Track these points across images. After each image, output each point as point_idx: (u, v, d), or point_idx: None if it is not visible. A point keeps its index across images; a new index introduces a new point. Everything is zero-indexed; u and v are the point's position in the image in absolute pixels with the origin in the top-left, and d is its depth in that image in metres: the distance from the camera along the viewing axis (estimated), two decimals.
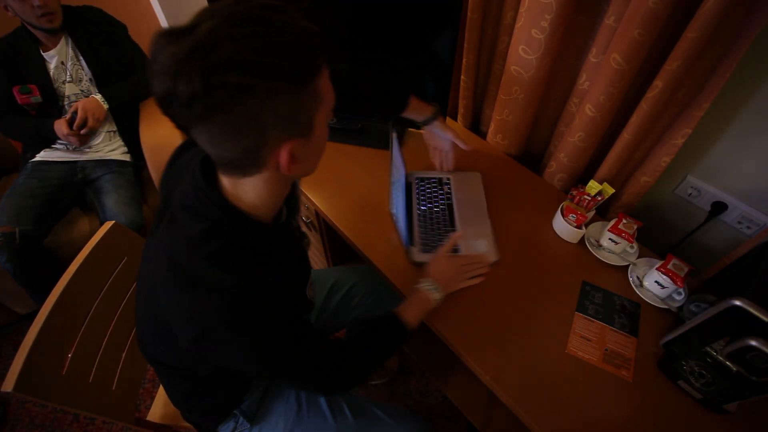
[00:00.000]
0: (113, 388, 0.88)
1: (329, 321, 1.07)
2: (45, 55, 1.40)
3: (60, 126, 1.39)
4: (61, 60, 1.42)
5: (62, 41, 1.41)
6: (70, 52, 1.43)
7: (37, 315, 0.74)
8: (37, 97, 1.40)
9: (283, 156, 0.48)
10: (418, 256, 0.97)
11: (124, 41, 1.55)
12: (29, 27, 1.35)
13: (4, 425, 1.41)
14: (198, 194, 0.53)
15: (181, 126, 0.45)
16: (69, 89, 1.45)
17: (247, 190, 0.54)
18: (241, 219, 0.55)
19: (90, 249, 0.85)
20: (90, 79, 1.48)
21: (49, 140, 1.49)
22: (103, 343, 0.88)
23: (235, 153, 0.47)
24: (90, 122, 1.40)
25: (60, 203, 1.47)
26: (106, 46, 1.48)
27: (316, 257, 1.60)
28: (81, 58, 1.44)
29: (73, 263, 0.82)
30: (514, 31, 0.99)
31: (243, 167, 0.50)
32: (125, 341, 0.94)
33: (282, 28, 0.43)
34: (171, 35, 0.40)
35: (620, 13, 0.84)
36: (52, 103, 1.44)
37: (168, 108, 0.43)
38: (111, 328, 0.90)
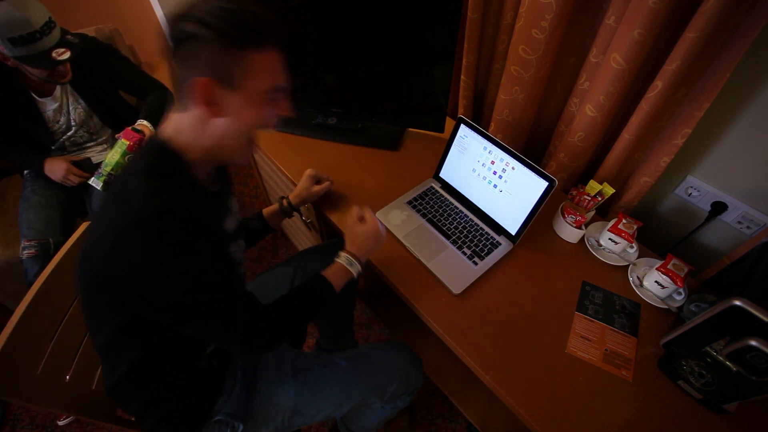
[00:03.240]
0: (93, 387, 0.88)
1: None
2: (41, 101, 1.29)
3: (58, 166, 1.30)
4: (59, 104, 1.33)
5: (59, 87, 1.30)
6: (70, 97, 1.34)
7: (12, 314, 0.74)
8: None
9: (201, 88, 0.58)
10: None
11: (117, 67, 1.44)
12: (26, 72, 1.20)
13: (4, 425, 1.41)
14: (147, 145, 0.66)
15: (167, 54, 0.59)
16: (72, 130, 1.39)
17: (185, 126, 0.63)
18: (176, 160, 0.64)
19: (66, 249, 0.85)
20: (90, 116, 1.41)
21: (36, 171, 1.38)
22: (82, 344, 0.87)
23: (178, 80, 0.60)
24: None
25: (73, 213, 1.46)
26: (103, 80, 1.40)
27: None
28: (81, 100, 1.37)
29: (50, 263, 0.82)
30: (514, 31, 0.99)
31: (182, 97, 0.61)
32: None
33: (241, 7, 0.57)
34: None
35: (620, 13, 0.84)
36: (48, 144, 1.37)
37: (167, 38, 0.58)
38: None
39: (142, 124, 1.37)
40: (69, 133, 1.40)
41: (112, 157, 1.25)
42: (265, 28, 0.59)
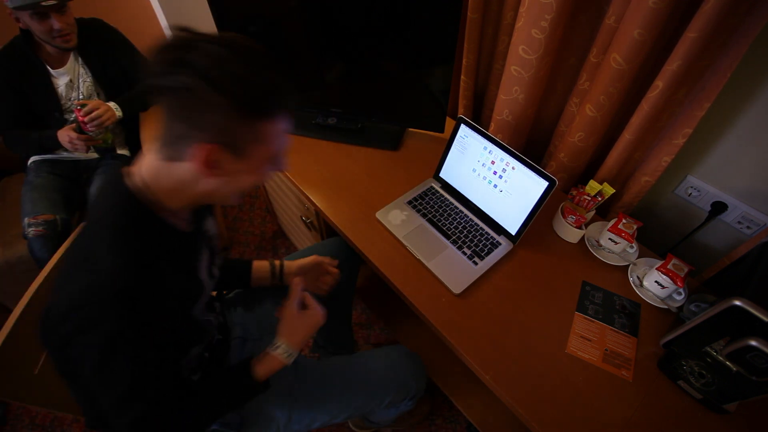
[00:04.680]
0: None
1: None
2: (54, 72, 1.37)
3: (64, 133, 1.34)
4: (70, 78, 1.39)
5: (71, 58, 1.39)
6: (80, 69, 1.41)
7: (10, 315, 0.73)
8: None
9: (206, 154, 0.53)
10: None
11: (127, 53, 1.52)
12: (39, 41, 1.31)
13: (5, 425, 1.41)
14: (113, 188, 0.60)
15: (148, 87, 0.52)
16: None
17: (169, 176, 0.58)
18: (144, 210, 0.59)
19: (65, 247, 0.84)
20: (97, 92, 1.46)
21: (51, 151, 1.47)
22: None
23: (173, 133, 0.54)
24: (102, 118, 1.35)
25: (74, 199, 1.48)
26: (113, 61, 1.46)
27: None
28: (90, 75, 1.42)
29: (48, 264, 0.81)
30: (514, 31, 0.99)
31: (174, 150, 0.55)
32: None
33: (254, 68, 0.52)
34: (182, 31, 0.51)
35: (620, 13, 0.84)
36: (61, 120, 1.42)
37: (146, 73, 0.51)
38: None
39: (115, 107, 1.40)
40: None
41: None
42: (280, 96, 0.55)
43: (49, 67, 1.36)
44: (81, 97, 1.44)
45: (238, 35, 0.53)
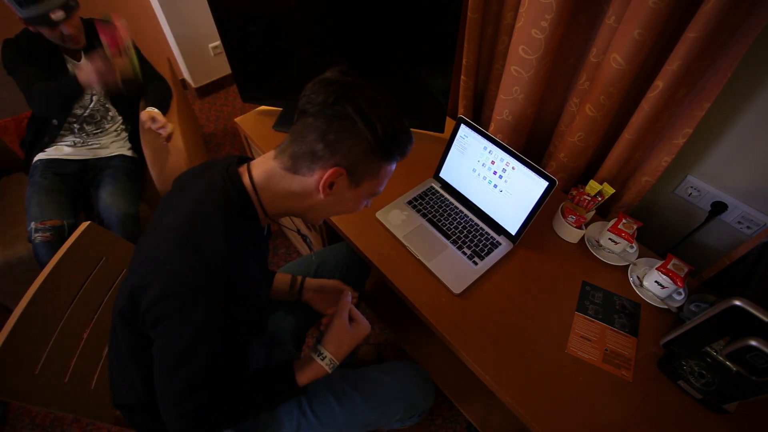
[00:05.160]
0: (92, 387, 0.88)
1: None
2: (73, 62, 1.43)
3: (88, 65, 1.27)
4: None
5: (83, 56, 1.43)
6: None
7: (11, 315, 0.73)
8: None
9: (330, 174, 0.60)
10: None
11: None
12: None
13: (5, 425, 1.41)
14: (224, 179, 0.64)
15: (301, 110, 0.61)
16: (93, 102, 1.49)
17: (282, 184, 0.64)
18: (251, 208, 0.65)
19: (65, 249, 0.84)
20: (102, 92, 1.49)
21: (75, 97, 1.40)
22: (81, 343, 0.87)
23: (307, 150, 0.60)
24: (168, 128, 1.40)
25: (79, 201, 1.48)
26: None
27: None
28: None
29: (48, 264, 0.81)
30: (514, 31, 0.99)
31: (300, 163, 0.62)
32: (104, 341, 0.93)
33: (397, 117, 0.61)
34: (345, 66, 0.63)
35: (620, 13, 0.84)
36: (65, 114, 1.45)
37: (300, 100, 0.60)
38: (89, 328, 0.90)
39: (153, 111, 1.42)
40: (90, 105, 1.48)
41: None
42: (405, 144, 0.63)
43: (67, 56, 1.42)
44: (94, 94, 1.47)
45: (386, 90, 0.62)
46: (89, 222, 0.91)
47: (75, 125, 1.49)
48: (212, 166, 0.69)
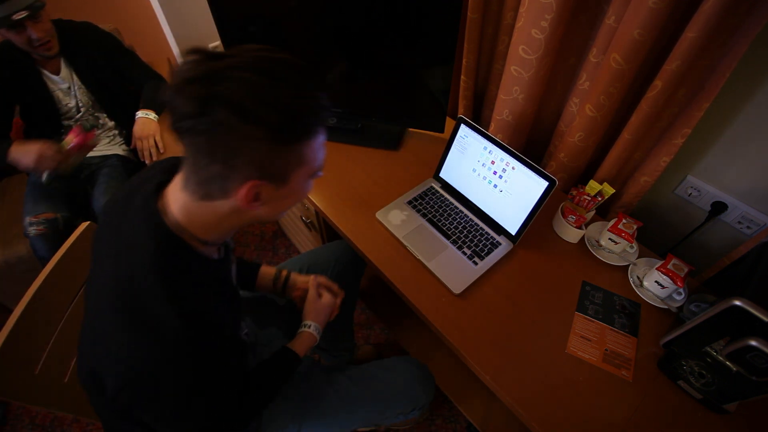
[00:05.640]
0: None
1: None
2: (52, 77, 1.33)
3: (35, 147, 1.18)
4: (68, 85, 1.36)
5: (63, 65, 1.34)
6: (74, 77, 1.36)
7: (11, 315, 0.73)
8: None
9: (246, 191, 0.51)
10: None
11: (117, 54, 1.47)
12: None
13: (5, 425, 1.41)
14: (149, 224, 0.54)
15: (175, 129, 0.48)
16: (81, 112, 1.42)
17: (206, 215, 0.55)
18: (188, 249, 0.56)
19: (65, 249, 0.84)
20: (93, 101, 1.44)
21: None
22: None
23: (207, 175, 0.50)
24: (156, 148, 1.35)
25: (77, 197, 1.47)
26: (103, 65, 1.41)
27: None
28: (82, 84, 1.39)
29: (48, 264, 0.81)
30: (514, 31, 0.99)
31: (210, 191, 0.52)
32: None
33: (288, 87, 0.47)
34: (200, 54, 0.47)
35: (620, 13, 0.84)
36: (57, 121, 1.37)
37: (169, 113, 0.47)
38: None
39: (148, 116, 1.38)
40: (78, 116, 1.42)
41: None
42: (317, 114, 0.51)
43: (47, 71, 1.32)
44: (81, 105, 1.41)
45: (268, 50, 0.49)
46: (89, 222, 0.91)
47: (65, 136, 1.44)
48: (133, 197, 0.59)
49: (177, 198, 0.55)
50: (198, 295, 0.56)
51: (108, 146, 1.56)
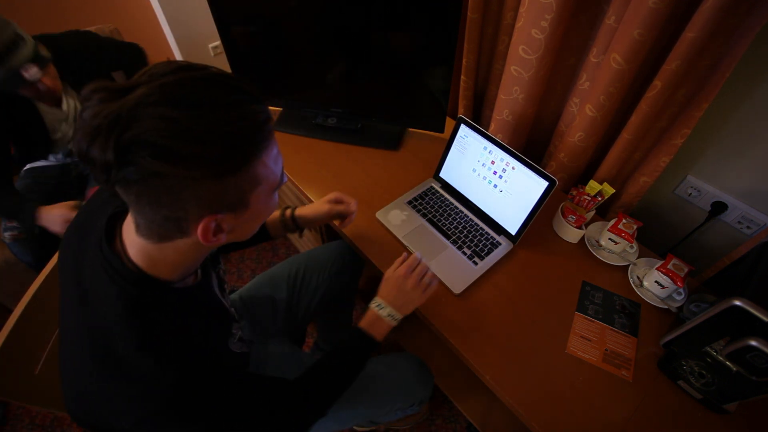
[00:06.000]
0: None
1: (301, 308, 1.07)
2: (53, 111, 1.20)
3: (61, 213, 1.15)
4: (70, 116, 1.24)
5: (64, 97, 1.21)
6: (73, 102, 1.24)
7: (11, 314, 0.73)
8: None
9: (203, 228, 0.46)
10: None
11: (116, 57, 1.39)
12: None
13: (5, 425, 1.41)
14: (110, 272, 0.50)
15: (99, 182, 0.42)
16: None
17: (168, 255, 0.50)
18: (158, 289, 0.52)
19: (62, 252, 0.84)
20: None
21: (21, 223, 1.26)
22: None
23: (156, 219, 0.45)
24: None
25: (58, 199, 1.45)
26: (97, 71, 1.31)
27: None
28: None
29: (48, 264, 0.81)
30: (514, 31, 0.99)
31: (165, 233, 0.48)
32: None
33: (215, 112, 0.40)
34: (104, 93, 0.39)
35: (620, 13, 0.84)
36: (47, 147, 1.26)
37: (86, 165, 0.40)
38: None
39: None
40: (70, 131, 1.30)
41: None
42: (257, 130, 0.44)
43: (45, 106, 1.18)
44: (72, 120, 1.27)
45: (183, 69, 0.41)
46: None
47: (61, 154, 1.38)
48: (86, 234, 0.55)
49: (133, 242, 0.50)
50: (178, 329, 0.53)
51: None
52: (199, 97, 0.40)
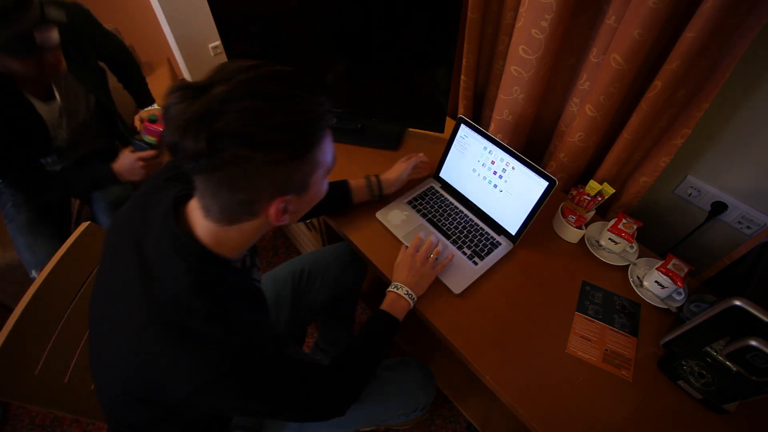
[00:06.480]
0: (91, 387, 0.87)
1: (302, 311, 1.07)
2: (38, 104, 1.07)
3: (130, 158, 1.15)
4: (61, 106, 1.12)
5: (55, 88, 1.09)
6: (70, 84, 1.13)
7: (11, 314, 0.73)
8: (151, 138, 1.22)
9: (275, 209, 0.53)
10: None
11: (98, 36, 1.27)
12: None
13: (5, 425, 1.41)
14: (178, 248, 0.55)
15: (185, 172, 0.49)
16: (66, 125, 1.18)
17: (233, 236, 0.57)
18: (221, 267, 0.58)
19: (65, 249, 0.84)
20: (89, 102, 1.21)
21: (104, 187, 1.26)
22: (81, 343, 0.87)
23: (231, 203, 0.52)
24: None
25: (65, 219, 1.38)
26: (95, 58, 1.24)
27: None
28: (84, 86, 1.17)
29: (48, 264, 0.81)
30: (514, 31, 0.99)
31: (236, 216, 0.54)
32: None
33: (288, 103, 0.47)
34: (185, 90, 0.45)
35: (620, 13, 0.84)
36: (48, 145, 1.15)
37: (175, 155, 0.47)
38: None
39: (155, 108, 1.34)
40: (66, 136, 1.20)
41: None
42: (321, 120, 0.51)
43: (30, 95, 1.05)
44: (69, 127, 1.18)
45: (254, 67, 0.48)
46: (89, 222, 0.90)
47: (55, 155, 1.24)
48: (149, 215, 0.59)
49: (202, 225, 0.56)
50: (239, 305, 0.58)
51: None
52: (274, 90, 0.47)
